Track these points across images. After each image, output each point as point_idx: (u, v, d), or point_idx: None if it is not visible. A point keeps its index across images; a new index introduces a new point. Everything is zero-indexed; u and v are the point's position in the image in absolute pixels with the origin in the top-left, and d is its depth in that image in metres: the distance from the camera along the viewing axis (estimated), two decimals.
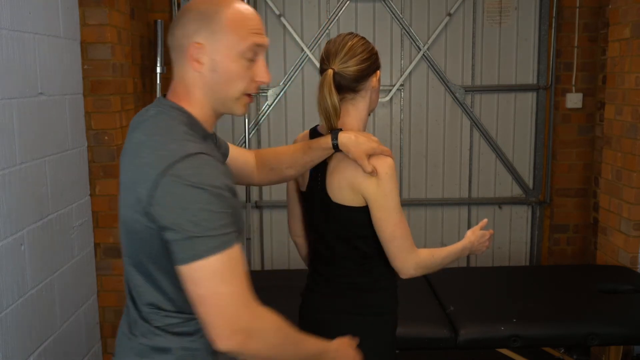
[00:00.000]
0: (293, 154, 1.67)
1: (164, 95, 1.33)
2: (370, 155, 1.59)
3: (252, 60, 1.26)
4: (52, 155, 2.40)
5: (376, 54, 1.70)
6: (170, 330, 1.26)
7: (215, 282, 1.15)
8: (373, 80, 1.70)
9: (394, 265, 1.66)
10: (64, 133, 2.52)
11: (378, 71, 1.71)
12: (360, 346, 1.71)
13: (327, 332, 1.74)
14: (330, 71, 1.63)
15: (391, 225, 1.61)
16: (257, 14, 1.30)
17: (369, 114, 1.77)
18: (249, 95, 1.30)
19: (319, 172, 1.69)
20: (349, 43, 1.65)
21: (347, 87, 1.66)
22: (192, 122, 1.26)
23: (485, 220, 1.89)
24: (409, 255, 1.64)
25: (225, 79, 1.25)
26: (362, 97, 1.70)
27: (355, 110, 1.70)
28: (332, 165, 1.66)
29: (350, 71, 1.64)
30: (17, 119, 2.13)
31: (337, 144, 1.60)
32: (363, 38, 1.70)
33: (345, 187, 1.63)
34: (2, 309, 2.01)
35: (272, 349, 1.23)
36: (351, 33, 1.71)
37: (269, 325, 1.22)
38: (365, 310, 1.71)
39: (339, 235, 1.70)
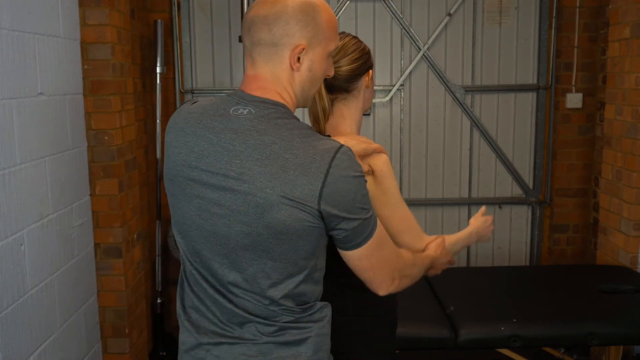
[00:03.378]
0: None
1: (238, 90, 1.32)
2: (362, 157, 1.59)
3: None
4: (52, 155, 2.40)
5: (368, 52, 1.69)
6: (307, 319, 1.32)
7: (380, 250, 1.32)
8: (365, 80, 1.68)
9: None
10: (64, 133, 2.52)
11: (371, 70, 1.70)
12: (359, 347, 1.71)
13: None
14: None
15: (397, 220, 1.60)
16: None
17: (366, 113, 1.77)
18: None
19: None
20: (340, 43, 1.64)
21: (339, 87, 1.65)
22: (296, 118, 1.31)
23: (484, 207, 1.91)
24: (421, 246, 1.65)
25: (317, 78, 1.34)
26: (354, 97, 1.68)
27: (348, 111, 1.69)
28: None
29: (341, 71, 1.62)
30: (17, 119, 2.13)
31: None
32: (355, 37, 1.68)
33: None
34: (2, 309, 2.01)
35: (414, 278, 1.48)
36: (342, 32, 1.70)
37: (409, 265, 1.45)
38: (364, 311, 1.71)
39: None
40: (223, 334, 1.28)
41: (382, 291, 1.42)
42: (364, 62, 1.67)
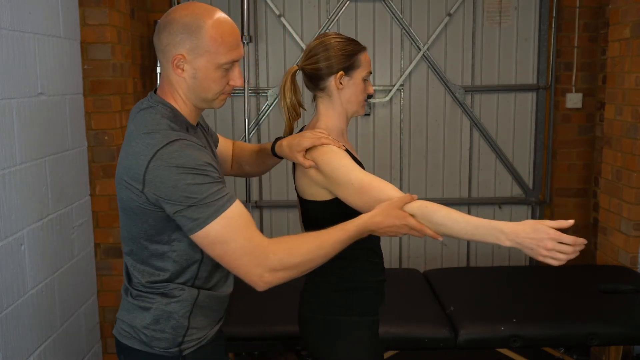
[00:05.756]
0: (250, 154, 1.82)
1: (155, 90, 1.51)
2: (307, 151, 1.62)
3: (228, 70, 1.44)
4: (52, 155, 2.40)
5: (346, 55, 1.66)
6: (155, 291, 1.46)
7: (222, 242, 1.32)
8: (333, 81, 1.68)
9: None
10: (64, 133, 2.52)
11: (342, 72, 1.67)
12: (338, 347, 1.71)
13: (313, 331, 1.76)
14: (292, 67, 1.70)
15: (356, 195, 1.54)
16: (235, 27, 1.44)
17: (366, 114, 1.79)
18: (225, 93, 1.48)
19: (293, 172, 1.75)
20: (318, 40, 1.68)
21: (309, 85, 1.73)
22: (175, 115, 1.44)
23: (572, 221, 1.38)
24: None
25: (205, 85, 1.43)
26: (328, 97, 1.71)
27: (324, 110, 1.73)
28: (297, 165, 1.72)
29: (308, 69, 1.69)
30: (17, 119, 2.13)
31: (274, 150, 1.71)
32: (339, 37, 1.69)
33: (307, 184, 1.67)
34: (2, 309, 2.01)
35: (302, 265, 1.38)
36: (333, 32, 1.73)
37: (283, 254, 1.35)
38: (341, 311, 1.71)
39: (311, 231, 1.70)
40: (125, 289, 1.54)
41: (257, 287, 1.34)
42: (331, 65, 1.66)
